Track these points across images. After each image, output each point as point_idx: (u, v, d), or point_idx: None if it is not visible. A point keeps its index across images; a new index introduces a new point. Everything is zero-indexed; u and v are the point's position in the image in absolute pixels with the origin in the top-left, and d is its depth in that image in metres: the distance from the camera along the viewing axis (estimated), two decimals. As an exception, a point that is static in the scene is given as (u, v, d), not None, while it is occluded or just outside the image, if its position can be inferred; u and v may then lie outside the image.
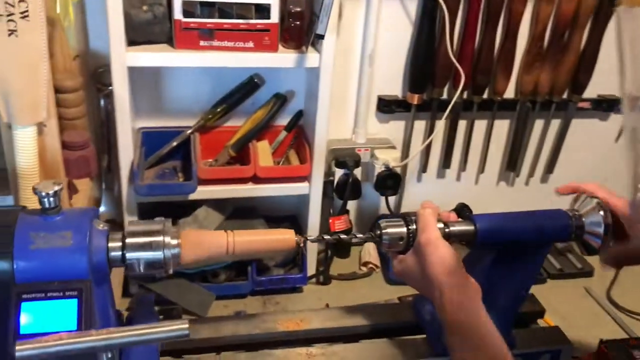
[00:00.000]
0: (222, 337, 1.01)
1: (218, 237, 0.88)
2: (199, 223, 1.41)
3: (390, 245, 0.92)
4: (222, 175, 1.36)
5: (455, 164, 1.64)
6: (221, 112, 1.41)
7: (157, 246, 0.84)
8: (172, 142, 1.41)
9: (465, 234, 0.94)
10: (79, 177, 1.29)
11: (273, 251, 0.90)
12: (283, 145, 1.49)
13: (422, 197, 1.66)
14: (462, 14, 1.43)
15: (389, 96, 1.51)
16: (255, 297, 1.47)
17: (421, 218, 0.90)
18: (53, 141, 1.01)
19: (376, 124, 1.55)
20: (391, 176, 1.46)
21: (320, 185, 1.41)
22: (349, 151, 1.47)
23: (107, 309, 0.89)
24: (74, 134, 1.27)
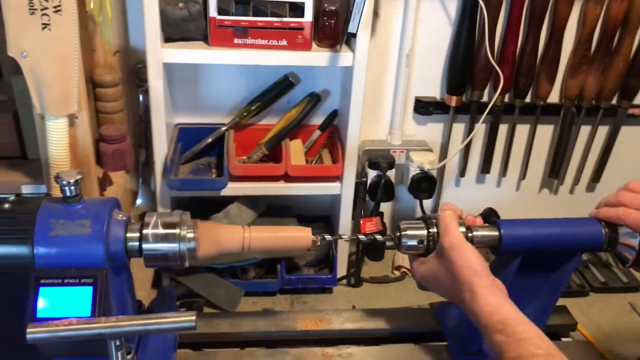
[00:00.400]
0: (240, 333, 1.01)
1: (234, 232, 0.88)
2: (230, 219, 1.42)
3: (409, 248, 0.90)
4: (254, 172, 1.36)
5: (495, 169, 1.59)
6: (256, 110, 1.42)
7: (173, 238, 0.85)
8: (207, 138, 1.43)
9: (488, 239, 0.91)
10: (115, 169, 1.32)
11: (289, 249, 0.90)
12: (317, 144, 1.49)
13: (461, 202, 1.60)
14: (504, 14, 1.38)
15: (427, 97, 1.49)
16: (284, 295, 1.46)
17: (442, 221, 0.88)
18: (84, 133, 1.04)
19: (413, 126, 1.52)
20: (426, 179, 1.43)
21: (352, 185, 1.40)
22: (384, 152, 1.45)
23: (124, 298, 0.91)
24: (111, 127, 1.30)
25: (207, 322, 1.02)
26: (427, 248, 0.90)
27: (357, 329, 1.03)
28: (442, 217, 0.88)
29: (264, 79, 1.42)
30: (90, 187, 1.08)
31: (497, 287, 0.84)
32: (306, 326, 1.02)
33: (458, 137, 1.53)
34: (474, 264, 0.84)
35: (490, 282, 0.83)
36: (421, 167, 1.42)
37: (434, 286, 0.91)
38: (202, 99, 1.45)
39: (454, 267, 0.84)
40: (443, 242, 0.86)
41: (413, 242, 0.90)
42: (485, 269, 0.84)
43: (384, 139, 1.52)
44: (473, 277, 0.83)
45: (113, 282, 0.85)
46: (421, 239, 0.89)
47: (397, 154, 1.48)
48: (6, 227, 0.80)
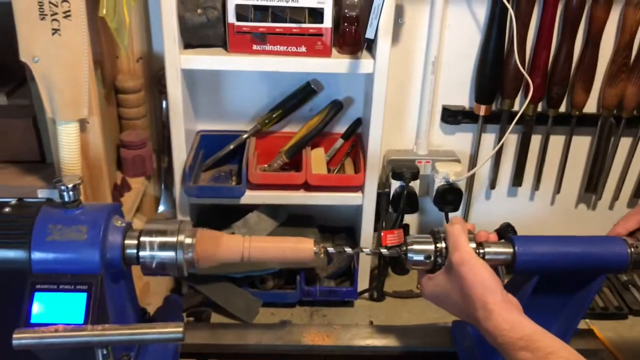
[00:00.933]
0: (245, 345, 0.98)
1: (234, 241, 0.86)
2: (249, 228, 1.40)
3: (416, 263, 0.86)
4: (273, 180, 1.34)
5: (527, 182, 1.52)
6: (277, 117, 1.40)
7: (171, 246, 0.83)
8: (229, 145, 1.41)
9: (502, 256, 0.86)
10: (135, 175, 1.33)
11: (290, 260, 0.87)
12: (339, 153, 1.45)
13: (491, 216, 1.56)
14: (536, 19, 1.32)
15: (455, 106, 1.43)
16: (303, 307, 1.43)
17: (450, 235, 0.83)
18: (96, 138, 1.04)
19: (440, 135, 1.47)
20: (451, 191, 1.38)
21: (373, 196, 1.36)
22: (408, 162, 1.41)
23: (124, 306, 0.89)
24: (132, 133, 1.31)
25: (213, 333, 1.00)
26: (435, 264, 0.85)
27: (366, 346, 0.98)
28: (450, 231, 0.83)
29: (286, 86, 1.40)
30: (102, 193, 1.08)
31: (512, 304, 0.79)
32: (313, 341, 0.99)
33: (488, 148, 1.47)
34: (486, 279, 0.79)
35: (505, 298, 0.78)
36: (446, 178, 1.37)
37: (444, 304, 0.86)
38: (224, 106, 1.44)
39: (464, 283, 0.80)
40: (452, 257, 0.82)
41: (419, 257, 0.85)
42: (498, 285, 0.79)
43: (409, 148, 1.48)
44: (486, 294, 0.78)
45: (111, 289, 0.84)
46: (428, 254, 0.85)
47: (423, 165, 1.43)
48: (5, 231, 0.80)
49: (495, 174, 1.49)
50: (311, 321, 1.39)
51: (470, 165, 1.49)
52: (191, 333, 0.99)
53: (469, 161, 1.49)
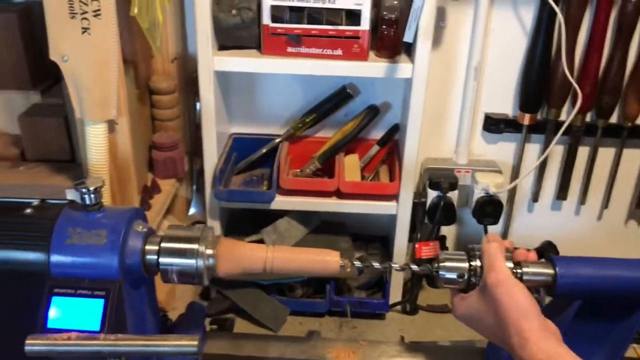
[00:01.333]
0: (266, 358, 0.95)
1: (257, 251, 0.82)
2: (279, 234, 1.36)
3: (447, 282, 0.81)
4: (304, 186, 1.31)
5: (573, 196, 1.44)
6: (310, 122, 1.36)
7: (191, 254, 0.80)
8: (262, 149, 1.39)
9: (541, 277, 0.80)
10: (166, 177, 1.31)
11: (315, 273, 0.83)
12: (375, 160, 1.41)
13: (533, 230, 1.49)
14: (587, 25, 1.25)
15: (498, 114, 1.37)
16: (332, 317, 1.39)
17: (486, 254, 0.78)
18: (124, 140, 1.02)
19: (481, 144, 1.41)
20: (491, 203, 1.31)
21: (409, 206, 1.31)
22: (447, 172, 1.35)
23: (144, 313, 0.87)
24: (164, 135, 1.29)
25: (234, 343, 0.96)
26: (468, 283, 0.80)
27: (394, 365, 0.94)
28: (487, 249, 0.78)
29: (321, 90, 1.36)
30: (130, 195, 1.07)
31: (549, 331, 0.73)
32: (338, 357, 0.94)
33: (531, 159, 1.40)
34: (523, 304, 0.73)
35: (542, 324, 0.73)
36: (486, 189, 1.31)
37: (476, 326, 0.80)
38: (258, 109, 1.41)
39: (499, 307, 0.74)
40: (487, 277, 0.76)
41: (452, 275, 0.80)
42: (535, 310, 0.73)
43: (448, 157, 1.42)
44: (521, 320, 0.72)
45: (130, 295, 0.82)
46: (461, 272, 0.79)
47: (462, 174, 1.37)
48: (25, 233, 0.79)
49: (538, 186, 1.42)
50: (340, 332, 1.35)
51: (512, 176, 1.42)
52: (212, 342, 0.96)
53: (511, 172, 1.43)
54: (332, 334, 1.34)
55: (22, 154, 1.18)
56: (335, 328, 1.36)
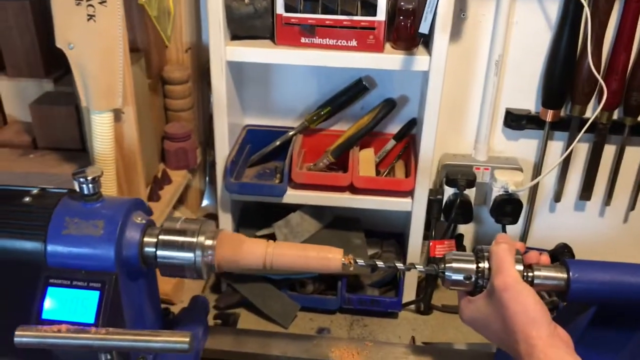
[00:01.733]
0: (268, 356, 0.93)
1: (256, 246, 0.80)
2: (290, 228, 1.34)
3: (454, 284, 0.77)
4: (317, 181, 1.28)
5: (598, 196, 1.39)
6: (325, 114, 1.33)
7: (189, 247, 0.79)
8: (275, 142, 1.36)
9: (553, 282, 0.76)
10: (177, 168, 1.30)
11: (316, 270, 0.80)
12: (391, 155, 1.37)
13: (554, 231, 1.43)
14: (615, 18, 1.19)
15: (520, 110, 1.32)
16: (344, 315, 1.36)
17: (495, 256, 0.74)
18: (130, 129, 1.00)
19: (502, 141, 1.36)
20: (510, 202, 1.27)
21: (424, 203, 1.27)
22: (464, 168, 1.31)
23: (142, 306, 0.85)
24: (176, 125, 1.28)
25: (236, 339, 0.95)
26: (475, 285, 0.76)
27: (399, 367, 0.91)
28: (496, 251, 0.74)
29: (337, 82, 1.33)
30: (136, 185, 1.05)
31: (559, 339, 0.69)
32: (341, 357, 0.92)
33: (554, 157, 1.35)
34: (532, 310, 0.69)
35: (551, 332, 0.69)
36: (505, 187, 1.26)
37: (483, 331, 0.77)
38: (272, 101, 1.39)
39: (506, 312, 0.71)
40: (495, 281, 0.73)
41: (459, 276, 0.77)
42: (544, 317, 0.70)
43: (468, 153, 1.38)
44: (530, 326, 0.69)
45: (128, 288, 0.80)
46: (468, 274, 0.76)
47: (481, 172, 1.33)
48: (22, 222, 0.78)
49: (561, 185, 1.37)
50: (350, 330, 1.32)
51: (533, 174, 1.37)
52: (214, 338, 0.95)
53: (532, 170, 1.38)
54: (342, 332, 1.32)
55: (33, 142, 1.18)
56: (345, 326, 1.33)
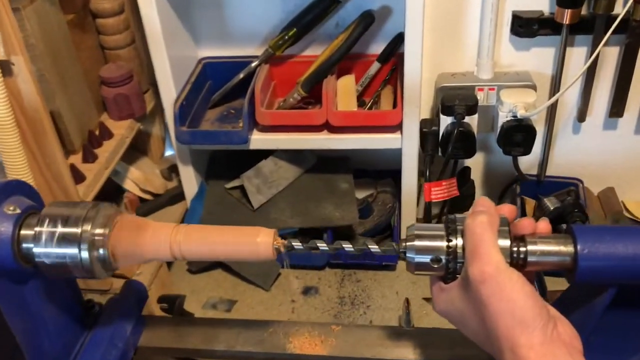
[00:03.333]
0: (214, 351, 0.76)
1: (160, 232, 0.61)
2: (263, 178, 1.15)
3: (419, 267, 0.57)
4: (286, 121, 1.07)
5: (632, 112, 1.14)
6: (291, 37, 1.10)
7: (72, 239, 0.60)
8: (238, 75, 1.15)
9: (554, 258, 0.55)
10: (121, 118, 1.11)
11: (242, 259, 0.62)
12: (376, 81, 1.15)
13: (579, 158, 1.21)
14: None
15: (530, 12, 1.06)
16: (333, 270, 1.19)
17: (469, 235, 0.53)
18: (26, 83, 0.81)
19: (510, 53, 1.11)
20: (520, 129, 1.04)
21: (415, 137, 1.06)
22: (464, 91, 1.08)
23: (43, 309, 0.69)
24: (112, 67, 1.08)
25: (176, 332, 0.78)
26: (447, 269, 0.56)
27: (371, 358, 0.73)
28: (471, 227, 0.53)
29: (302, -2, 1.09)
30: (50, 150, 0.87)
31: (560, 342, 0.50)
32: (301, 347, 0.75)
33: (576, 66, 1.10)
34: (520, 308, 0.50)
35: (547, 336, 0.50)
36: (513, 111, 1.03)
37: (461, 328, 0.58)
38: (229, 26, 1.16)
39: (486, 311, 0.51)
40: (470, 269, 0.52)
41: (424, 258, 0.56)
42: (538, 316, 0.50)
43: (469, 71, 1.13)
44: (517, 330, 0.49)
45: (14, 294, 0.64)
46: (437, 255, 0.56)
47: (485, 93, 1.09)
48: None
49: (585, 101, 1.12)
50: (342, 286, 1.15)
51: (551, 91, 1.13)
52: (150, 332, 0.78)
53: (550, 85, 1.13)
54: (331, 291, 1.15)
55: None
56: (335, 283, 1.17)
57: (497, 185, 1.26)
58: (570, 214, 0.94)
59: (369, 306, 1.11)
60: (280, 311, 1.12)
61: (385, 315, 1.09)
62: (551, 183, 1.22)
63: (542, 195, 1.19)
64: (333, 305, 1.12)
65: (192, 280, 1.19)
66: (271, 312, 1.12)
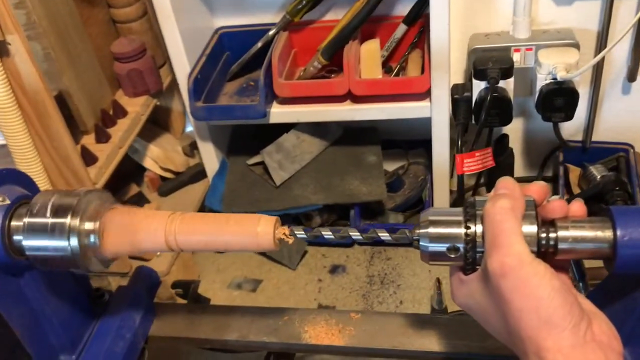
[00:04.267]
0: (226, 341, 0.72)
1: (153, 221, 0.57)
2: (285, 153, 1.09)
3: (434, 257, 0.51)
4: (305, 92, 1.01)
5: (690, 68, 1.03)
6: (310, 1, 1.03)
7: (61, 231, 0.56)
8: (257, 44, 1.09)
9: (589, 246, 0.48)
10: (135, 94, 1.07)
11: (243, 250, 0.57)
12: (403, 45, 1.07)
13: (631, 121, 1.11)
14: None
15: (572, -39, 0.96)
16: (362, 247, 1.14)
17: (489, 222, 0.46)
18: (25, 63, 0.77)
19: (550, 8, 1.02)
20: (560, 92, 0.95)
21: (445, 105, 0.98)
22: (499, 53, 0.99)
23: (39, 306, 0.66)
24: (123, 42, 1.04)
25: (187, 321, 0.74)
26: (466, 259, 0.50)
27: (392, 349, 0.68)
28: (491, 214, 0.46)
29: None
30: (57, 132, 0.83)
31: (595, 344, 0.43)
32: (317, 337, 0.70)
33: (625, 19, 0.99)
34: (546, 306, 0.43)
35: (578, 338, 0.43)
36: (553, 74, 0.94)
37: (483, 324, 0.51)
38: (246, -8, 1.10)
39: (508, 308, 0.45)
40: (489, 261, 0.45)
41: (439, 247, 0.50)
42: (568, 315, 0.43)
43: (505, 30, 1.04)
44: (543, 332, 0.43)
45: (9, 287, 0.61)
46: (454, 243, 0.49)
47: (522, 54, 1.00)
48: None
49: (636, 58, 1.02)
50: (370, 266, 1.10)
51: (597, 48, 1.02)
52: (160, 322, 0.74)
53: (596, 42, 1.03)
54: (360, 269, 1.09)
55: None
56: (364, 261, 1.11)
57: (538, 153, 1.17)
58: (610, 193, 0.85)
59: (400, 285, 1.05)
60: (306, 291, 1.07)
61: (416, 295, 1.03)
62: (598, 149, 1.12)
63: (587, 163, 1.10)
64: (362, 285, 1.07)
65: (217, 260, 1.16)
66: (297, 292, 1.07)
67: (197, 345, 0.75)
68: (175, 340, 0.74)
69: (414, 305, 1.03)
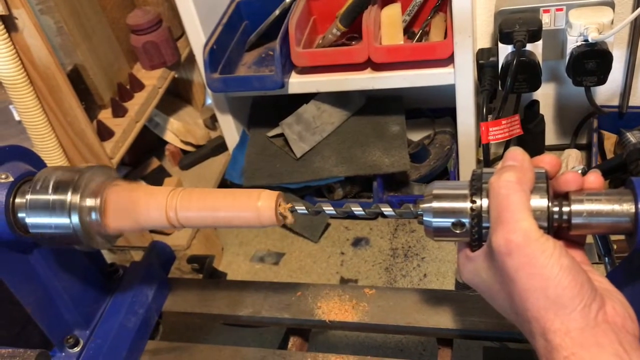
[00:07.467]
0: (238, 316, 0.71)
1: (154, 197, 0.56)
2: (305, 124, 1.07)
3: (439, 233, 0.48)
4: (324, 60, 0.98)
5: None
6: (327, -33, 0.99)
7: (61, 207, 0.56)
8: (274, 12, 1.06)
9: (607, 221, 0.45)
10: (152, 67, 1.06)
11: (242, 226, 0.55)
12: (426, 8, 1.02)
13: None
14: None
15: None
16: (386, 219, 1.11)
17: (493, 194, 0.44)
18: (34, 38, 0.76)
19: (583, -36, 0.95)
20: (592, 54, 0.89)
21: (469, 70, 0.93)
22: (527, 14, 0.93)
23: (50, 282, 0.66)
24: (139, 13, 1.03)
25: (200, 297, 0.73)
26: (472, 235, 0.47)
27: (406, 325, 0.66)
28: (495, 186, 0.43)
29: None
30: (69, 107, 0.83)
31: (607, 327, 0.40)
32: (330, 312, 0.68)
33: (666, -24, 0.93)
34: (554, 285, 0.40)
35: (589, 319, 0.40)
36: (584, 35, 0.88)
37: (491, 303, 0.49)
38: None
39: (514, 288, 0.42)
40: (494, 238, 0.42)
41: (444, 222, 0.47)
42: (577, 294, 0.40)
43: (534, -10, 0.98)
44: (550, 313, 0.40)
45: (17, 264, 0.61)
46: (459, 218, 0.46)
47: (552, 15, 0.94)
48: None
49: (678, 16, 0.95)
50: (394, 239, 1.07)
51: (635, 5, 0.96)
52: (175, 297, 0.74)
53: (633, 0, 0.96)
54: (384, 242, 1.07)
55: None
56: (388, 233, 1.09)
57: (571, 120, 1.11)
58: (634, 163, 0.80)
59: (424, 258, 1.03)
60: (328, 264, 1.06)
61: (441, 268, 1.00)
62: (636, 114, 1.06)
63: (624, 129, 1.04)
64: (385, 258, 1.04)
65: (240, 233, 1.15)
66: (319, 265, 1.06)
67: (209, 320, 0.75)
68: (188, 315, 0.74)
69: (438, 279, 1.00)
